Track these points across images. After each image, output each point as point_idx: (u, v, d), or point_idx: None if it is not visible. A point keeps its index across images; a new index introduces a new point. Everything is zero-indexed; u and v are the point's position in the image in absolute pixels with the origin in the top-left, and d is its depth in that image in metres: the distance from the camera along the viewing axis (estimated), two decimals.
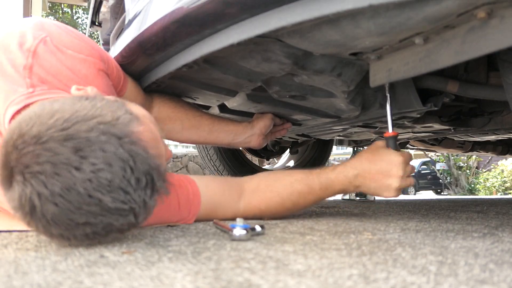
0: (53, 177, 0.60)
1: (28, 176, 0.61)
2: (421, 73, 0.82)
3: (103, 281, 0.48)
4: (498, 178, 8.37)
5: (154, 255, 0.64)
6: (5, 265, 0.56)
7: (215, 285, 0.47)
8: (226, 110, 1.46)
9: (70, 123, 0.63)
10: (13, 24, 0.93)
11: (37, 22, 0.93)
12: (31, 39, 0.88)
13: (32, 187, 0.61)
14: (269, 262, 0.59)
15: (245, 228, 0.79)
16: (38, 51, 0.88)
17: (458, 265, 0.58)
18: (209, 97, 1.34)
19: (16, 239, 0.77)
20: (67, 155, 0.61)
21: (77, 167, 0.61)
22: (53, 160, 0.60)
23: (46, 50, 0.89)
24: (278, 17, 0.72)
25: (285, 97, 1.22)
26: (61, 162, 0.60)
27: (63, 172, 0.60)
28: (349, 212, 1.42)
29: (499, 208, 1.64)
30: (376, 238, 0.82)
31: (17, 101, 0.82)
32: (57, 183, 0.60)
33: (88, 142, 0.62)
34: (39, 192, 0.60)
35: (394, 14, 0.69)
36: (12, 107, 0.82)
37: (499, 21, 0.66)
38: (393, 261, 0.61)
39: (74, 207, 0.61)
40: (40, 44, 0.88)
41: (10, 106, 0.82)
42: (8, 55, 0.86)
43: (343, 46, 0.85)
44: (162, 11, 0.88)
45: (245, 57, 0.98)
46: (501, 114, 1.37)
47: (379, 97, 1.23)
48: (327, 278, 0.51)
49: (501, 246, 0.74)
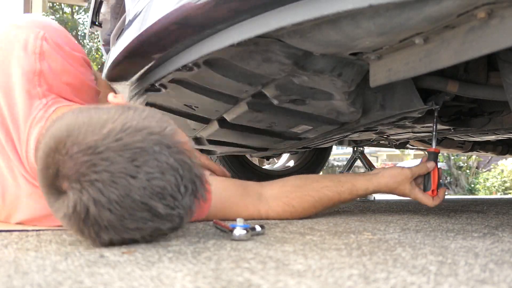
0: (111, 185, 0.63)
1: (85, 184, 0.63)
2: (421, 73, 0.82)
3: (103, 281, 0.48)
4: (498, 178, 8.38)
5: (154, 255, 0.64)
6: (5, 265, 0.56)
7: (215, 285, 0.47)
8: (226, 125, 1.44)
9: (124, 133, 0.66)
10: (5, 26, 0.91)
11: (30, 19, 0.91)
12: (33, 39, 0.87)
13: (89, 194, 0.63)
14: (269, 262, 0.59)
15: (245, 228, 0.79)
16: (44, 51, 0.87)
17: (458, 265, 0.58)
18: (208, 106, 1.33)
19: (16, 239, 0.77)
20: (124, 164, 0.64)
21: (133, 175, 0.64)
22: (110, 169, 0.63)
23: (50, 48, 0.88)
24: (278, 17, 0.72)
25: (286, 102, 1.21)
26: (118, 171, 0.63)
27: (120, 180, 0.63)
28: (349, 212, 1.42)
29: (499, 208, 1.64)
30: (376, 238, 0.82)
31: (38, 118, 0.84)
32: (114, 190, 0.63)
33: (143, 152, 0.65)
34: (96, 199, 0.63)
35: (394, 14, 0.69)
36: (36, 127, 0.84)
37: (499, 21, 0.66)
38: (393, 261, 0.61)
39: (128, 214, 0.64)
40: (44, 43, 0.87)
41: (33, 125, 0.84)
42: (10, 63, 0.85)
43: (343, 46, 0.85)
44: (162, 11, 0.88)
45: (245, 59, 0.98)
46: (501, 114, 1.37)
47: (379, 98, 1.23)
48: (327, 278, 0.51)
49: (501, 246, 0.74)
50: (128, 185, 0.63)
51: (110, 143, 0.65)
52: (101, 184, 0.63)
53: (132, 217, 0.65)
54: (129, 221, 0.65)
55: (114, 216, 0.64)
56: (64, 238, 0.80)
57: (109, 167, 0.63)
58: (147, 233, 0.68)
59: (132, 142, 0.65)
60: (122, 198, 0.63)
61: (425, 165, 1.17)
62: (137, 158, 0.65)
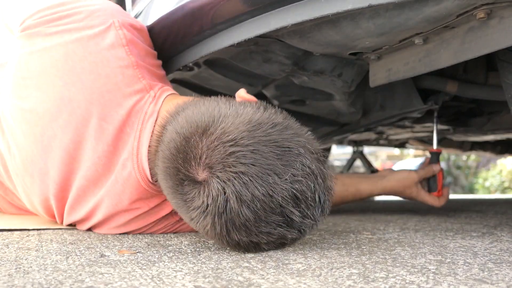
0: (256, 180, 0.59)
1: (231, 175, 0.59)
2: (420, 73, 0.83)
3: (104, 281, 0.49)
4: (497, 177, 8.38)
5: (154, 255, 0.64)
6: (7, 264, 0.57)
7: (215, 284, 0.48)
8: None
9: (273, 130, 0.62)
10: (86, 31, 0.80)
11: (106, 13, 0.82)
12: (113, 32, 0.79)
13: (234, 187, 0.59)
14: (269, 262, 0.60)
15: None
16: (129, 40, 0.80)
17: (457, 265, 0.58)
18: None
19: (17, 238, 0.77)
20: (273, 160, 0.60)
21: (280, 174, 0.60)
22: (259, 163, 0.59)
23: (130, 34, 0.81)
24: (278, 17, 0.72)
25: (286, 103, 1.22)
26: (267, 167, 0.60)
27: (267, 177, 0.59)
28: (348, 212, 1.42)
29: (498, 208, 1.65)
30: (376, 238, 0.83)
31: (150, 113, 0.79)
32: (259, 187, 0.59)
33: (290, 152, 0.61)
34: (240, 193, 0.59)
35: (393, 14, 0.69)
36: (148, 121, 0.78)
37: (498, 21, 0.66)
38: (393, 261, 0.61)
39: (264, 215, 0.60)
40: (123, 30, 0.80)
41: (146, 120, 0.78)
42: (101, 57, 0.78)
43: (343, 46, 0.85)
44: (162, 11, 0.89)
45: (246, 59, 0.98)
46: (500, 114, 1.37)
47: (379, 98, 1.23)
48: (326, 277, 0.51)
49: (499, 246, 0.74)
50: (273, 184, 0.59)
51: (261, 136, 0.61)
52: (248, 178, 0.59)
53: (267, 219, 0.61)
54: (263, 223, 0.61)
55: (252, 215, 0.60)
56: (65, 237, 0.80)
57: (259, 161, 0.59)
58: (272, 239, 0.64)
59: (282, 140, 0.62)
60: (265, 197, 0.59)
61: (431, 167, 1.17)
62: (284, 157, 0.61)
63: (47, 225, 0.92)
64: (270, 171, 0.59)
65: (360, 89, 1.15)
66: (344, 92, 1.11)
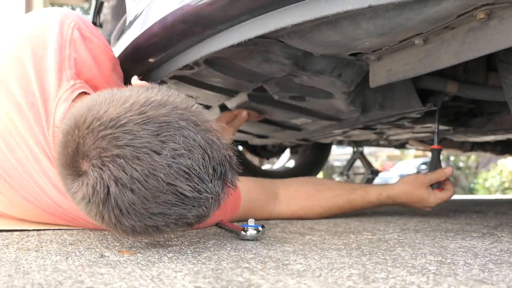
0: (133, 161, 0.57)
1: (106, 160, 0.58)
2: (420, 73, 0.83)
3: (103, 281, 0.49)
4: (497, 178, 8.37)
5: (154, 255, 0.64)
6: (6, 264, 0.57)
7: (215, 285, 0.48)
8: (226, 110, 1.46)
9: (147, 107, 0.60)
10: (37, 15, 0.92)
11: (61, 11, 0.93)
12: (66, 27, 0.88)
13: (110, 171, 0.57)
14: (269, 262, 0.60)
15: (256, 228, 0.79)
16: (74, 39, 0.87)
17: (457, 265, 0.58)
18: (210, 97, 1.34)
19: (17, 239, 0.77)
20: (148, 138, 0.58)
21: (158, 151, 0.58)
22: (133, 144, 0.58)
23: (79, 38, 0.88)
24: (278, 18, 0.72)
25: (286, 98, 1.22)
26: (142, 146, 0.58)
27: (143, 156, 0.58)
28: (348, 212, 1.42)
29: (498, 208, 1.65)
30: (376, 238, 0.83)
31: (64, 98, 0.81)
32: (137, 167, 0.57)
33: (168, 126, 0.59)
34: (117, 177, 0.57)
35: (393, 15, 0.69)
36: (61, 105, 0.81)
37: (498, 22, 0.66)
38: (393, 261, 0.61)
39: (151, 195, 0.58)
40: (75, 31, 0.88)
41: (59, 104, 0.81)
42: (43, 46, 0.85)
43: (343, 46, 0.85)
44: (163, 12, 0.89)
45: (246, 58, 0.98)
46: (500, 114, 1.37)
47: (379, 98, 1.23)
48: (327, 278, 0.51)
49: (500, 246, 0.74)
50: (152, 162, 0.58)
51: (133, 116, 0.59)
52: (123, 160, 0.57)
53: (156, 200, 0.59)
54: (153, 204, 0.59)
55: (136, 197, 0.58)
56: (65, 238, 0.80)
57: (132, 141, 0.58)
58: (171, 221, 0.62)
59: (157, 116, 0.60)
60: (145, 176, 0.57)
61: (443, 171, 1.11)
62: (162, 133, 0.59)
63: (47, 225, 0.92)
64: (146, 149, 0.58)
65: (360, 88, 1.15)
66: (343, 91, 1.11)
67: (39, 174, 0.84)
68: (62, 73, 0.84)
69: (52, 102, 0.82)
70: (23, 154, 0.83)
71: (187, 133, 0.60)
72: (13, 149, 0.84)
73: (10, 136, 0.83)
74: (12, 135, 0.83)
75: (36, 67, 0.84)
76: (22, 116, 0.82)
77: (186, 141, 0.60)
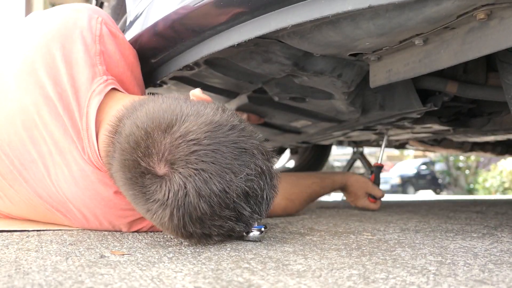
0: (215, 178, 0.64)
1: (193, 171, 0.64)
2: (420, 74, 0.83)
3: (103, 281, 0.49)
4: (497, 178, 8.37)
5: (154, 256, 0.64)
6: (6, 265, 0.57)
7: (215, 285, 0.48)
8: None
9: (231, 132, 0.68)
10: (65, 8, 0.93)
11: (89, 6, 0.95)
12: (94, 22, 0.90)
13: (194, 182, 0.63)
14: (269, 262, 0.60)
15: (259, 228, 0.79)
16: (103, 34, 0.89)
17: (457, 265, 0.58)
18: None
19: (17, 239, 0.77)
20: (231, 160, 0.66)
21: (236, 173, 0.66)
22: (218, 162, 0.65)
23: (107, 33, 0.90)
24: (278, 18, 0.72)
25: (286, 99, 1.22)
26: (225, 165, 0.65)
27: (224, 174, 0.65)
28: (348, 213, 1.42)
29: (498, 208, 1.65)
30: (376, 239, 0.82)
31: (98, 91, 0.84)
32: (217, 184, 0.64)
33: (246, 153, 0.68)
34: (200, 188, 0.63)
35: (393, 15, 0.69)
36: (95, 97, 0.83)
37: (498, 22, 0.66)
38: (393, 262, 0.61)
39: (220, 209, 0.66)
40: (104, 27, 0.90)
41: (93, 96, 0.84)
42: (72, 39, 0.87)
43: (343, 47, 0.85)
44: (163, 12, 0.89)
45: (246, 58, 0.98)
46: (500, 114, 1.37)
47: (378, 98, 1.23)
48: (327, 279, 0.51)
49: (500, 246, 0.74)
50: (230, 181, 0.65)
51: (221, 137, 0.66)
52: (207, 175, 0.64)
53: (220, 214, 0.66)
54: (217, 217, 0.66)
55: (209, 209, 0.65)
56: (65, 238, 0.80)
57: (218, 160, 0.65)
58: (222, 231, 0.69)
59: (239, 141, 0.68)
60: (221, 193, 0.64)
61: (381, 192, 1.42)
62: (241, 157, 0.67)
63: (47, 226, 0.92)
64: (228, 170, 0.65)
65: (360, 88, 1.15)
66: (344, 92, 1.11)
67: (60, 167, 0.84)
68: (95, 68, 0.86)
69: (85, 93, 0.84)
70: (46, 147, 0.84)
71: (257, 161, 0.69)
72: (37, 142, 0.84)
73: (35, 128, 0.84)
74: (38, 128, 0.84)
75: (65, 59, 0.86)
76: (50, 108, 0.84)
77: (256, 168, 0.68)
